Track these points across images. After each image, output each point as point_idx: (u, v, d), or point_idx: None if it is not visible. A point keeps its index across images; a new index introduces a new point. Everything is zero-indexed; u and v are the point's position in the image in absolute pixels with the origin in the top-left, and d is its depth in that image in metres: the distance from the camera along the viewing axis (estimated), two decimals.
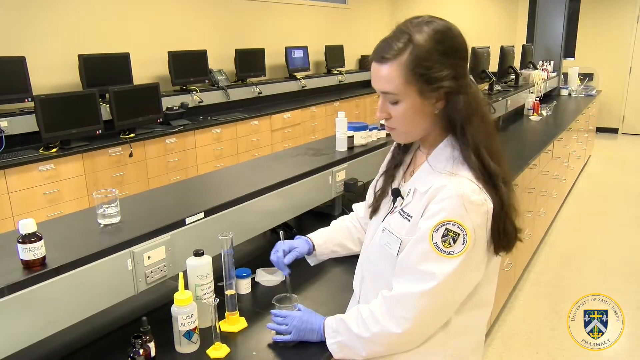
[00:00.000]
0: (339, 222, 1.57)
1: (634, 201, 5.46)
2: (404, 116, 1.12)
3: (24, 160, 3.47)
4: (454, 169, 1.11)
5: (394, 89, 1.09)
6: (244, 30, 6.13)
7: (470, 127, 1.10)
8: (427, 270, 1.09)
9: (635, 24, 8.50)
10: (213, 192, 1.87)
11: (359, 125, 2.46)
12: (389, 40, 1.10)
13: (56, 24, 4.26)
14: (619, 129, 9.03)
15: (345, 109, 6.04)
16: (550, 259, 4.06)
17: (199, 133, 4.76)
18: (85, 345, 1.43)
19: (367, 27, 8.53)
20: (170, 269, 1.49)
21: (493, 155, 1.12)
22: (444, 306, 1.13)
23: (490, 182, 1.09)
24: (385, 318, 1.14)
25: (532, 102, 5.01)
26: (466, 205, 1.06)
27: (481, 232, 1.08)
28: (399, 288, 1.13)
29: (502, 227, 1.10)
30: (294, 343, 1.36)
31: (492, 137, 1.15)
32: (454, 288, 1.11)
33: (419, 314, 1.11)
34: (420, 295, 1.09)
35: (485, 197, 1.08)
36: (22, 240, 1.19)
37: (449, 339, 1.18)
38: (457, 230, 1.06)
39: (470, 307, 1.18)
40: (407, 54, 1.07)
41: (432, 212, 1.09)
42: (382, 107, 1.15)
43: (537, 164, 3.56)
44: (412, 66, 1.06)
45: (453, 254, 1.07)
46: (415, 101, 1.10)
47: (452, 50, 1.09)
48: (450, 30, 1.10)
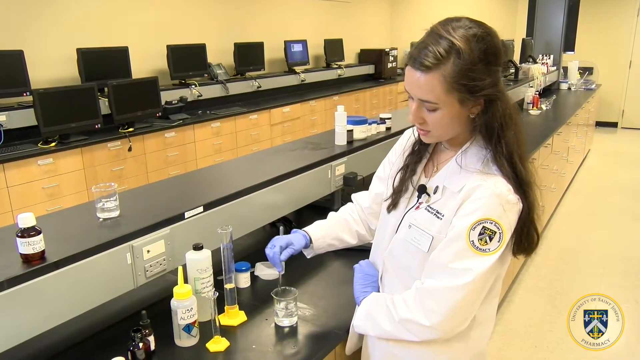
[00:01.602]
0: (337, 215, 1.56)
1: (633, 195, 5.46)
2: (440, 122, 1.11)
3: (22, 154, 3.46)
4: (486, 169, 1.12)
5: (434, 99, 1.07)
6: (243, 24, 6.10)
7: (506, 133, 1.11)
8: (462, 267, 1.10)
9: (636, 17, 8.48)
10: (212, 186, 1.87)
11: (359, 119, 2.46)
12: (428, 45, 1.06)
13: (55, 18, 4.24)
14: (619, 123, 9.03)
15: (345, 103, 6.04)
16: (549, 253, 4.07)
17: (198, 127, 4.75)
18: (85, 338, 1.43)
19: (366, 21, 8.50)
20: (170, 263, 1.49)
21: (524, 161, 1.13)
22: (474, 301, 1.14)
23: (520, 188, 1.11)
24: (417, 308, 1.15)
25: (531, 96, 5.01)
26: (503, 204, 1.08)
27: (512, 230, 1.11)
28: (431, 283, 1.14)
29: (525, 232, 1.13)
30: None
31: (524, 143, 1.16)
32: (485, 284, 1.13)
33: (449, 308, 1.11)
34: (454, 289, 1.10)
35: (518, 197, 1.10)
36: (21, 234, 1.19)
37: (470, 330, 1.20)
38: (494, 228, 1.08)
39: (489, 299, 1.21)
40: (450, 63, 1.03)
41: (468, 210, 1.10)
42: (417, 114, 1.12)
43: (537, 158, 3.56)
44: (457, 77, 1.04)
45: (489, 252, 1.09)
46: (454, 108, 1.09)
47: (494, 57, 1.07)
48: (490, 36, 1.08)
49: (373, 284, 1.34)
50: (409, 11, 9.07)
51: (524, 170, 1.12)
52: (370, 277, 1.36)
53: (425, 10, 8.82)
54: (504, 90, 1.12)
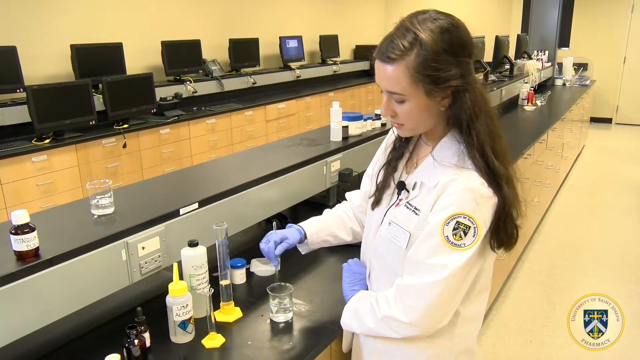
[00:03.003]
0: (332, 212, 1.57)
1: (628, 191, 5.49)
2: (410, 114, 1.12)
3: (16, 151, 3.44)
4: (460, 163, 1.11)
5: (400, 90, 1.08)
6: (238, 19, 6.08)
7: (475, 125, 1.10)
8: (438, 262, 1.09)
9: (630, 13, 8.50)
10: (207, 183, 1.87)
11: (354, 115, 2.45)
12: (394, 38, 1.07)
13: (48, 13, 4.22)
14: (613, 119, 9.06)
15: (340, 99, 6.02)
16: (544, 248, 4.09)
17: (193, 124, 4.74)
18: (80, 335, 1.43)
19: (362, 17, 8.49)
20: (165, 260, 1.48)
21: (498, 154, 1.11)
22: (452, 297, 1.14)
23: (493, 181, 1.09)
24: (397, 305, 1.15)
25: (526, 92, 5.02)
26: (477, 198, 1.07)
27: (488, 225, 1.10)
28: (409, 279, 1.14)
29: (502, 226, 1.11)
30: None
31: (498, 135, 1.14)
32: (463, 279, 1.12)
33: (427, 304, 1.11)
34: (430, 285, 1.10)
35: (493, 190, 1.09)
36: (15, 231, 1.18)
37: (455, 327, 1.20)
38: (468, 223, 1.07)
39: (476, 295, 1.21)
40: (413, 54, 1.05)
41: (442, 205, 1.09)
42: (387, 106, 1.14)
43: (531, 153, 3.57)
44: (420, 68, 1.05)
45: (464, 247, 1.08)
46: (421, 101, 1.09)
47: (460, 48, 1.07)
48: (457, 27, 1.08)
49: (361, 282, 1.35)
50: (404, 7, 8.92)
51: (498, 163, 1.10)
52: (358, 275, 1.37)
53: (420, 6, 8.70)
54: (475, 82, 1.11)
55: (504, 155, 1.14)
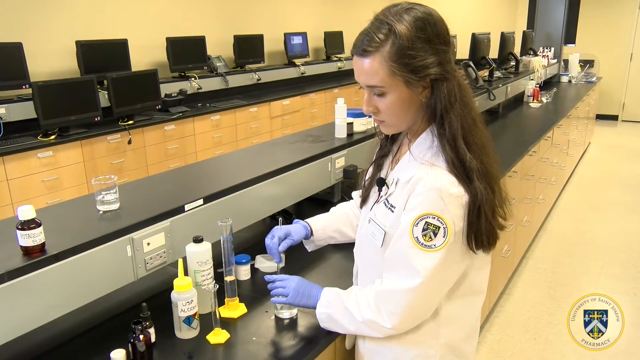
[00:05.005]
0: (338, 209, 1.57)
1: (633, 188, 5.46)
2: (392, 108, 1.11)
3: (22, 147, 3.46)
4: (432, 159, 1.09)
5: (379, 82, 1.08)
6: (243, 16, 6.08)
7: (449, 115, 1.07)
8: (410, 265, 1.09)
9: (637, 10, 8.44)
10: (212, 179, 1.87)
11: (359, 111, 2.45)
12: (369, 32, 1.08)
13: (54, 10, 4.22)
14: (619, 116, 9.01)
15: (345, 96, 5.98)
16: (549, 245, 4.07)
17: (198, 120, 4.74)
18: (85, 331, 1.43)
19: (366, 13, 8.39)
20: (170, 256, 1.49)
21: (471, 146, 1.08)
22: (431, 299, 1.14)
23: (464, 175, 1.06)
24: (378, 310, 1.16)
25: (532, 88, 4.99)
26: (444, 197, 1.05)
27: (461, 224, 1.06)
28: (387, 284, 1.14)
29: (475, 224, 1.06)
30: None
31: (474, 127, 1.10)
32: (439, 281, 1.11)
33: (407, 309, 1.12)
34: (405, 292, 1.10)
35: (464, 188, 1.05)
36: (22, 226, 1.19)
37: (439, 327, 1.19)
38: (437, 223, 1.05)
39: (459, 296, 1.19)
40: (389, 45, 1.05)
41: (411, 205, 1.08)
42: (369, 101, 1.13)
43: (537, 150, 3.55)
44: (396, 57, 1.04)
45: (434, 248, 1.06)
46: (402, 92, 1.08)
47: (435, 36, 1.06)
48: (431, 15, 1.07)
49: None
50: None
51: (470, 156, 1.06)
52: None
53: (425, 2, 8.77)
54: (453, 71, 1.10)
55: (481, 147, 1.09)
